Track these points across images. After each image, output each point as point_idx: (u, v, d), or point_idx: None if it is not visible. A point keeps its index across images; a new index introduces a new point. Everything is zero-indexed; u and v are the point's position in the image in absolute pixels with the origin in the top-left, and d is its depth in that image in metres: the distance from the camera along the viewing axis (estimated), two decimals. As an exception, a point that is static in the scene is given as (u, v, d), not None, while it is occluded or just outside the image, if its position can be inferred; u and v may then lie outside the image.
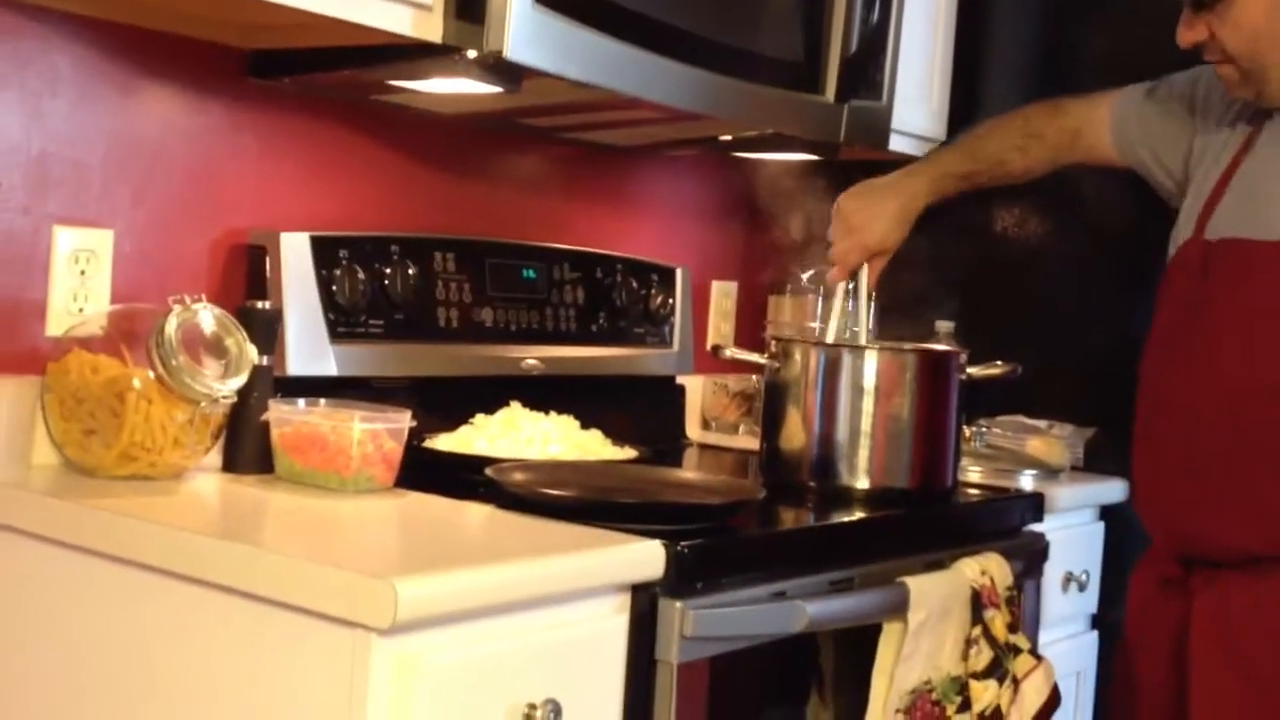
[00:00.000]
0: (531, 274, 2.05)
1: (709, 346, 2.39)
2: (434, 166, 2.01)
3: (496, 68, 1.59)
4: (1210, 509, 1.55)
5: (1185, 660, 1.57)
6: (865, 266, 1.86)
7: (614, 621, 1.35)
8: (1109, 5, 2.32)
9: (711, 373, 2.40)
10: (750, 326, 2.50)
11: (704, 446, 2.28)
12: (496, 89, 1.66)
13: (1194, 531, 1.58)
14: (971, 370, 1.84)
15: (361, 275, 1.77)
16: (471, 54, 1.55)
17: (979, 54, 2.42)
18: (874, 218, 1.82)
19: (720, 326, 2.50)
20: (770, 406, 1.85)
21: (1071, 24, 2.38)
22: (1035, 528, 1.92)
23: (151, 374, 1.47)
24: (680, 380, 2.29)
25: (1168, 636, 1.60)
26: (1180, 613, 1.59)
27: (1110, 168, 1.88)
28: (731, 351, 1.90)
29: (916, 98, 2.26)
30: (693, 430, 2.36)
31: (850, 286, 1.89)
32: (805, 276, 2.34)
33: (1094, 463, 2.17)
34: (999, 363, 1.84)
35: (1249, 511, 1.53)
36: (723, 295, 2.51)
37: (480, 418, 1.82)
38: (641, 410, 2.17)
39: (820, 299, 2.32)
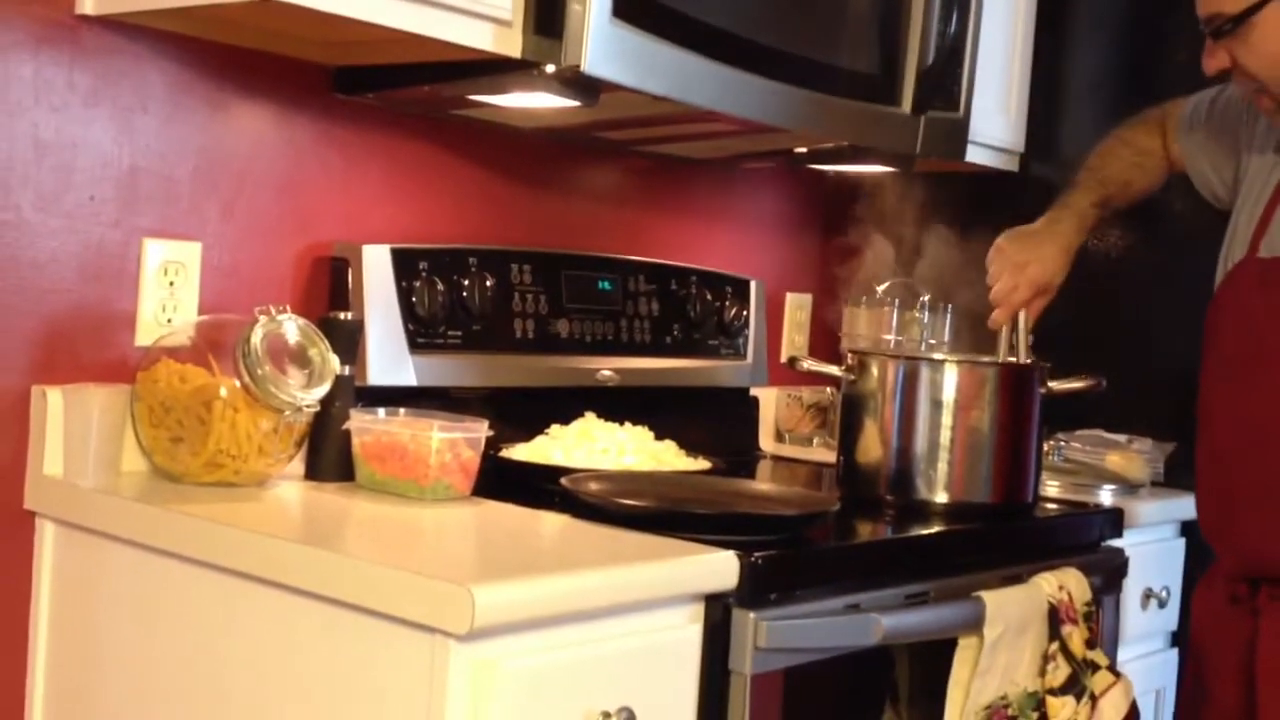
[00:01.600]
0: (607, 285, 2.06)
1: (784, 358, 2.40)
2: (512, 179, 2.04)
3: (574, 82, 1.61)
4: None
5: (1254, 678, 1.56)
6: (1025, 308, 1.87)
7: (688, 631, 1.36)
8: (1186, 15, 2.28)
9: (785, 385, 2.40)
10: (824, 339, 2.49)
11: (778, 458, 2.28)
12: (574, 103, 1.67)
13: (1265, 552, 1.57)
14: (1053, 384, 1.82)
15: (440, 287, 1.80)
16: (550, 68, 1.57)
17: (1058, 65, 2.39)
18: (1041, 259, 1.85)
19: (794, 339, 2.50)
20: (846, 419, 1.85)
21: (1149, 35, 2.34)
22: (1114, 543, 1.89)
23: (238, 383, 1.50)
24: (754, 392, 2.30)
25: (1236, 654, 1.59)
26: (1248, 631, 1.59)
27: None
28: (809, 363, 1.90)
29: (994, 109, 2.24)
30: (766, 442, 2.36)
31: (1010, 328, 1.88)
32: (880, 289, 2.33)
33: (1174, 478, 2.13)
34: (1082, 376, 1.81)
35: None
36: (797, 307, 2.51)
37: (556, 428, 1.84)
38: (715, 422, 2.17)
39: (895, 311, 2.31)
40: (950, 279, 2.20)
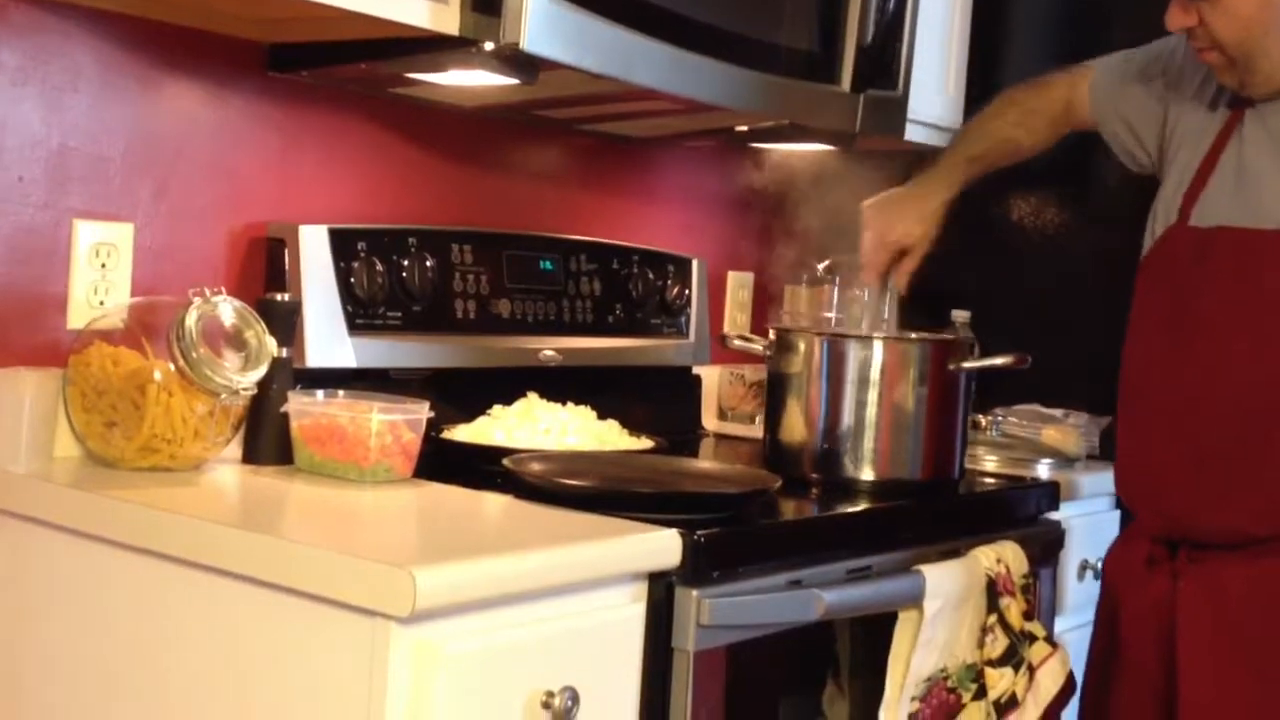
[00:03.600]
0: (549, 265, 2.06)
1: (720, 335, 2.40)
2: (452, 159, 2.02)
3: (513, 60, 1.60)
4: (1214, 495, 1.56)
5: (1173, 639, 1.58)
6: (894, 269, 1.87)
7: (631, 610, 1.36)
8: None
9: (728, 363, 2.40)
10: (768, 317, 2.50)
11: (720, 436, 2.29)
12: (513, 81, 1.66)
13: (1193, 516, 1.59)
14: (977, 362, 1.82)
15: (379, 267, 1.78)
16: (488, 46, 1.56)
17: (996, 43, 2.41)
18: (896, 218, 1.85)
19: (736, 317, 2.51)
20: (772, 398, 1.85)
21: (1089, 12, 2.37)
22: (1051, 516, 1.92)
23: (172, 366, 1.48)
24: (696, 371, 2.30)
25: (1153, 616, 1.61)
26: (1166, 592, 1.60)
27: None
28: (738, 341, 1.91)
29: (933, 87, 2.26)
30: (709, 420, 2.37)
31: (883, 287, 1.89)
32: (821, 267, 2.34)
33: (1109, 451, 2.16)
34: (1008, 353, 1.82)
35: (1255, 497, 1.54)
36: (739, 286, 2.52)
37: (498, 409, 1.83)
38: (658, 401, 2.17)
39: (836, 289, 2.32)
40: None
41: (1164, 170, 1.73)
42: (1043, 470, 2.03)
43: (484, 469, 1.61)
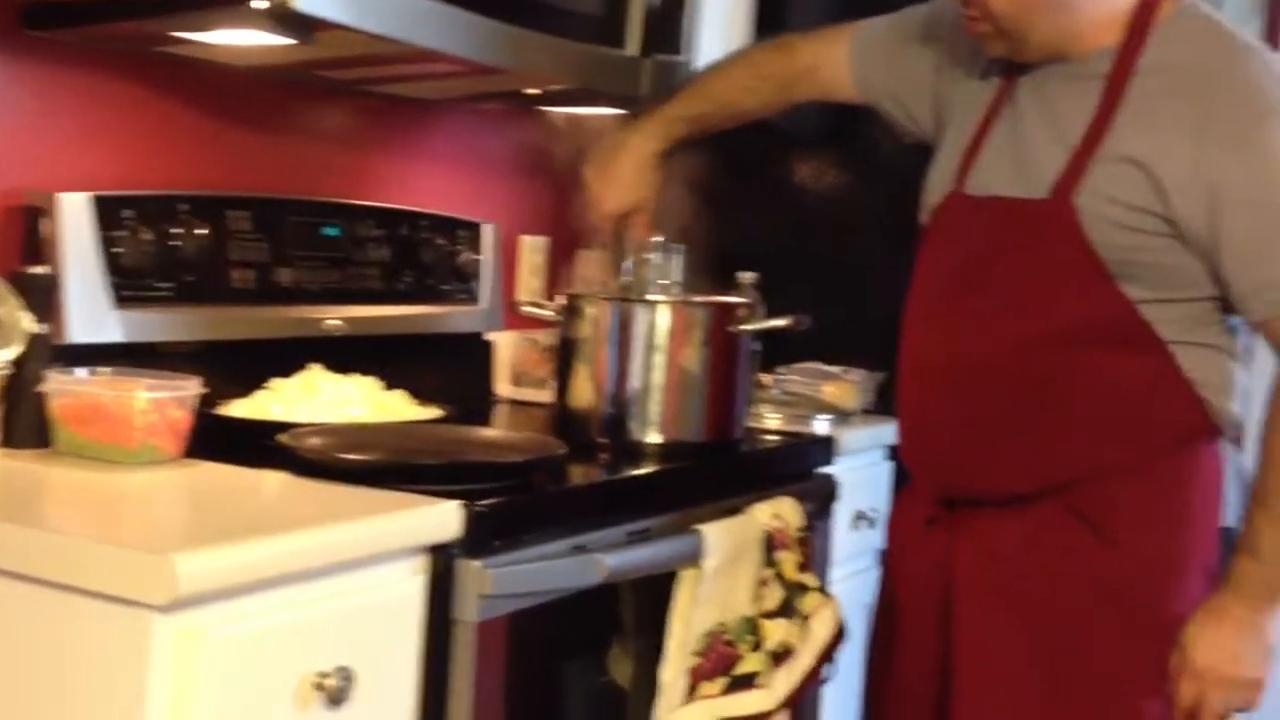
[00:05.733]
0: (333, 231, 2.01)
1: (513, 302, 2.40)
2: (227, 122, 1.95)
3: (285, 19, 1.55)
4: (985, 454, 1.61)
5: (951, 595, 1.63)
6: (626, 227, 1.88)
7: (411, 584, 1.36)
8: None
9: (522, 329, 2.40)
10: (563, 281, 2.50)
11: (515, 403, 2.29)
12: (288, 41, 1.61)
13: (966, 475, 1.63)
14: (746, 326, 1.85)
15: (148, 236, 1.71)
16: (259, 4, 1.50)
17: (780, 9, 2.45)
18: (608, 183, 1.85)
19: (530, 282, 2.50)
20: (562, 364, 1.86)
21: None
22: (826, 470, 1.99)
23: (-84, 346, 1.40)
24: (489, 337, 2.29)
25: (932, 572, 1.65)
26: (944, 549, 1.64)
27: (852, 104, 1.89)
28: (527, 307, 1.91)
29: (718, 51, 2.27)
30: (503, 387, 2.36)
31: (613, 248, 1.90)
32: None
33: (885, 405, 2.25)
34: (786, 314, 1.87)
35: (1021, 455, 1.59)
36: (533, 250, 2.51)
37: (276, 382, 1.79)
38: (450, 368, 2.16)
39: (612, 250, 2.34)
40: (683, 219, 2.25)
41: (939, 136, 1.74)
42: (821, 425, 2.09)
43: (262, 445, 1.57)
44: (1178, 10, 1.56)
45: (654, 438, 1.82)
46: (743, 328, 1.85)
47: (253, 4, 1.50)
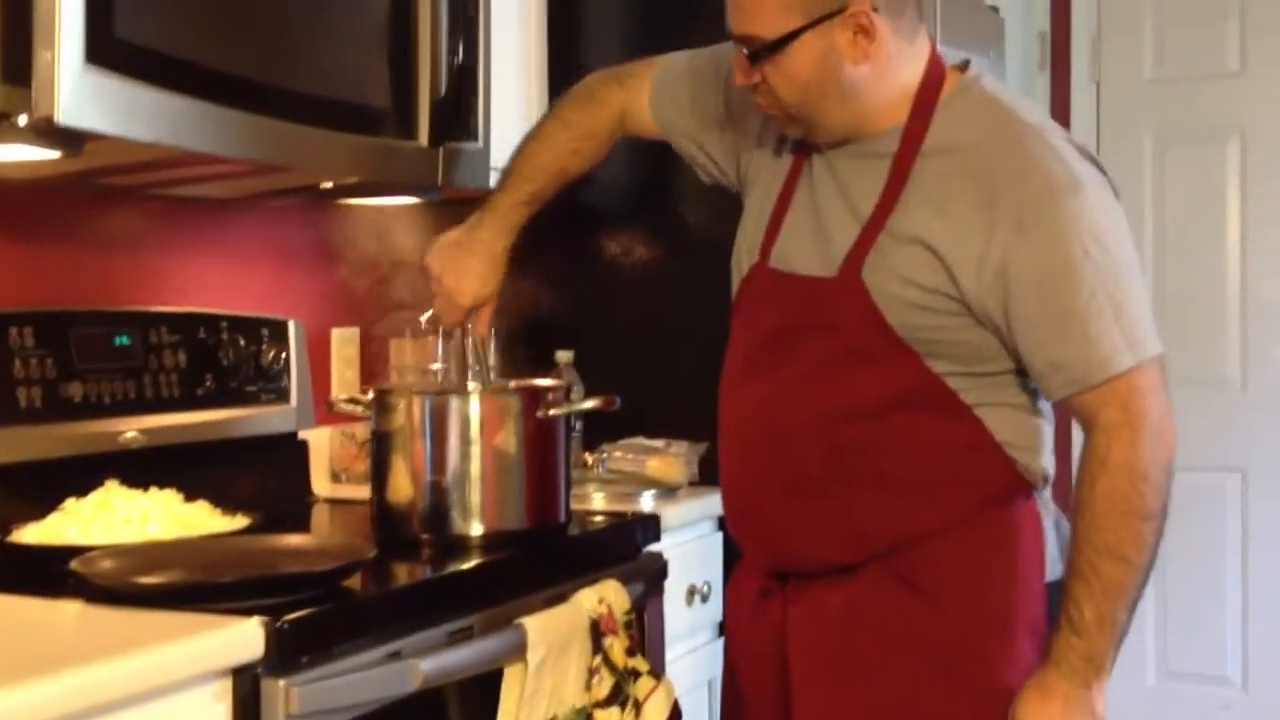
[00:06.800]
0: (125, 340, 1.94)
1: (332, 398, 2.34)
2: (6, 236, 1.87)
3: (50, 133, 1.49)
4: (806, 526, 1.60)
5: (788, 668, 1.62)
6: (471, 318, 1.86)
7: (214, 710, 1.30)
8: (700, 29, 2.40)
9: (338, 423, 2.34)
10: (379, 373, 2.46)
11: (333, 502, 2.23)
12: (55, 154, 1.56)
13: (791, 547, 1.63)
14: (556, 411, 1.83)
15: (-82, 362, 1.62)
16: (22, 120, 1.45)
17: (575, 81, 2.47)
18: (460, 276, 1.82)
19: (344, 375, 2.45)
20: (377, 459, 1.83)
21: (664, 38, 2.46)
22: (654, 547, 1.98)
23: None
24: (303, 435, 2.23)
25: (769, 647, 1.64)
26: (778, 621, 1.64)
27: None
28: (341, 404, 1.87)
29: (516, 135, 2.26)
30: (321, 485, 2.30)
31: (460, 338, 1.88)
32: (424, 319, 2.32)
33: (710, 476, 2.26)
34: (597, 395, 1.87)
35: (841, 526, 1.59)
36: (344, 342, 2.46)
37: (71, 502, 1.70)
38: (262, 472, 2.09)
39: (440, 340, 2.31)
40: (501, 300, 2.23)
41: (743, 191, 1.74)
42: (647, 502, 2.09)
43: (58, 572, 1.49)
44: (960, 87, 1.57)
45: (476, 529, 1.79)
46: (555, 412, 1.83)
47: (15, 120, 1.44)
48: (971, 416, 1.56)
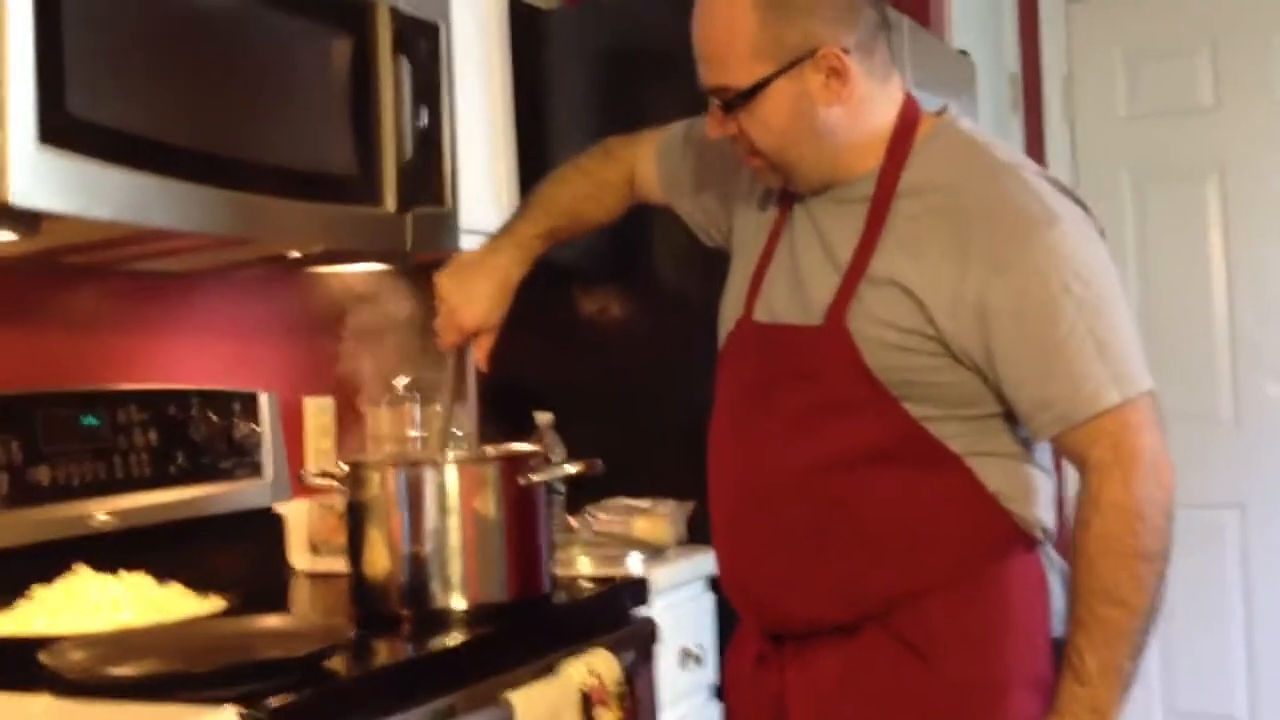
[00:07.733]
0: (92, 421, 1.89)
1: (308, 468, 2.30)
2: (-37, 317, 1.83)
3: (4, 215, 1.46)
4: (795, 584, 1.56)
5: None
6: (471, 345, 1.81)
7: (189, 807, 1.24)
8: (664, 86, 2.39)
9: (315, 495, 2.29)
10: (357, 440, 2.41)
11: (313, 576, 2.18)
12: (11, 236, 1.52)
13: (781, 607, 1.59)
14: (536, 477, 1.79)
15: (-124, 454, 1.57)
16: (-28, 202, 1.42)
17: (543, 146, 2.46)
18: (468, 297, 1.78)
19: (320, 445, 2.40)
20: (353, 533, 1.78)
21: (629, 109, 2.45)
22: (643, 611, 1.93)
23: None
24: (278, 509, 2.18)
25: (767, 711, 1.60)
26: (776, 686, 1.59)
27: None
28: (314, 478, 1.83)
29: (485, 197, 2.26)
30: (300, 559, 2.25)
31: (454, 363, 1.82)
32: (400, 385, 2.29)
33: (699, 535, 2.21)
34: (578, 460, 1.83)
35: (830, 583, 1.55)
36: (319, 412, 2.42)
37: (38, 590, 1.65)
38: (238, 549, 2.04)
39: (419, 407, 2.27)
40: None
41: (733, 250, 1.73)
42: (634, 563, 2.04)
43: (27, 663, 1.44)
44: (934, 130, 1.56)
45: (458, 603, 1.74)
46: (535, 478, 1.79)
47: (-32, 201, 1.41)
48: (961, 466, 1.51)
